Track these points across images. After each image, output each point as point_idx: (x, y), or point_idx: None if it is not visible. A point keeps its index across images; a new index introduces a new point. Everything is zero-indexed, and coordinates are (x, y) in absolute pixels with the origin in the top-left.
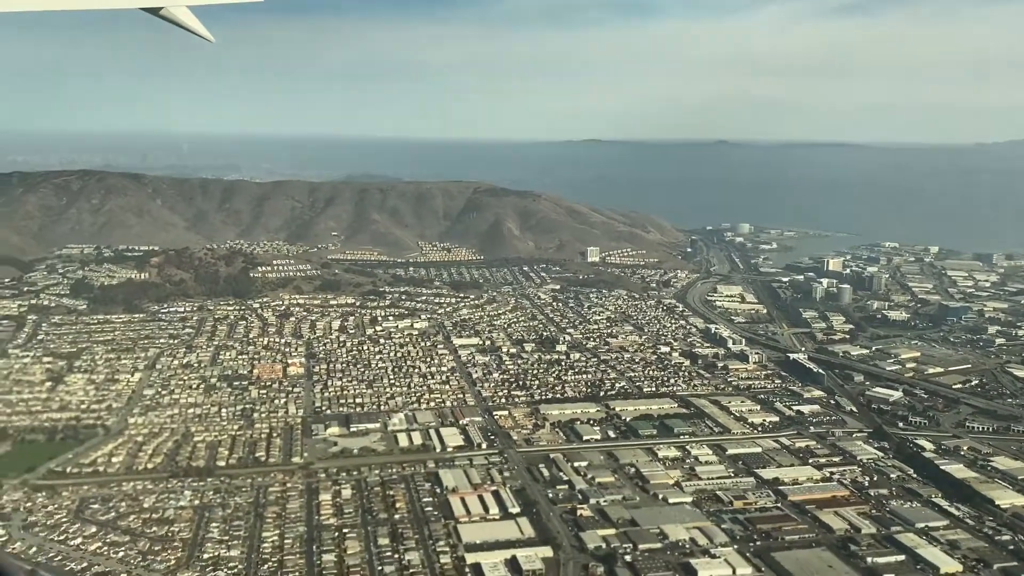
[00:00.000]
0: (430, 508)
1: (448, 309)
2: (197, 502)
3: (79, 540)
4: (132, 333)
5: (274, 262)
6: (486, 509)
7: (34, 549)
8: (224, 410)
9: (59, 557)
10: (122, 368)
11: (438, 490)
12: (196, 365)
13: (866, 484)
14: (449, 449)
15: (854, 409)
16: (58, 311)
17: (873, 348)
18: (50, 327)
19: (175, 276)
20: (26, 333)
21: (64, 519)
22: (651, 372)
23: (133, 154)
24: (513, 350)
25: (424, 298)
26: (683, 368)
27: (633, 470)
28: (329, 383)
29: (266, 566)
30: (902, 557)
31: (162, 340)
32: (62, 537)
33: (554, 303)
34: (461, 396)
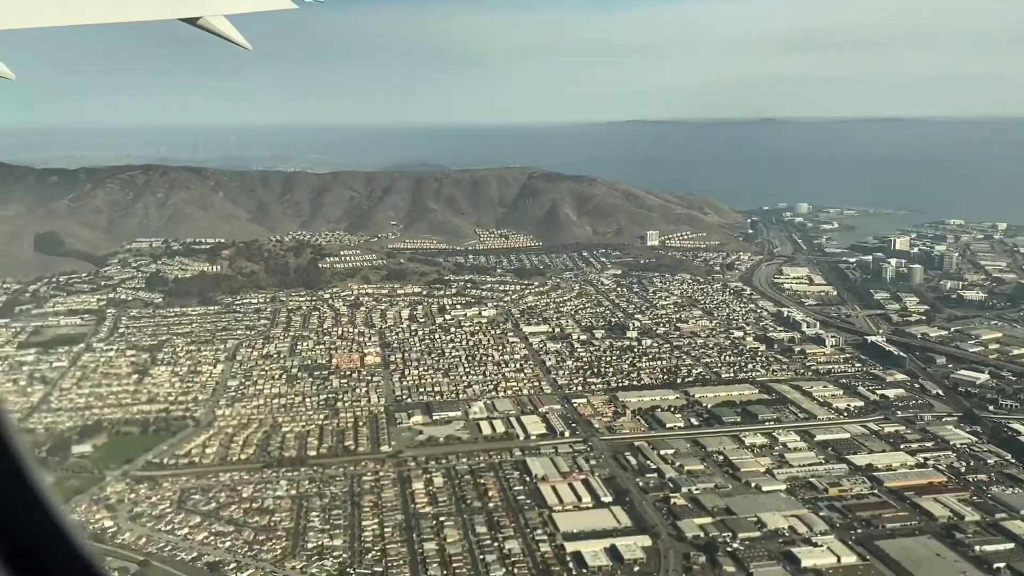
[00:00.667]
0: (522, 496)
1: (514, 297)
2: (294, 491)
3: (185, 530)
4: (209, 325)
5: (341, 253)
6: (578, 498)
7: (143, 540)
8: (308, 400)
9: (168, 547)
10: (204, 360)
11: (527, 478)
12: (276, 356)
13: (963, 470)
14: (532, 437)
15: (940, 393)
16: (135, 304)
17: (952, 329)
18: (129, 320)
19: (246, 268)
20: (107, 327)
21: (168, 510)
22: (727, 358)
23: (183, 147)
24: (583, 337)
25: (489, 286)
26: (759, 353)
27: (721, 458)
28: (406, 372)
29: (370, 555)
30: (1011, 545)
31: (239, 331)
32: (168, 527)
33: (618, 288)
34: (537, 384)
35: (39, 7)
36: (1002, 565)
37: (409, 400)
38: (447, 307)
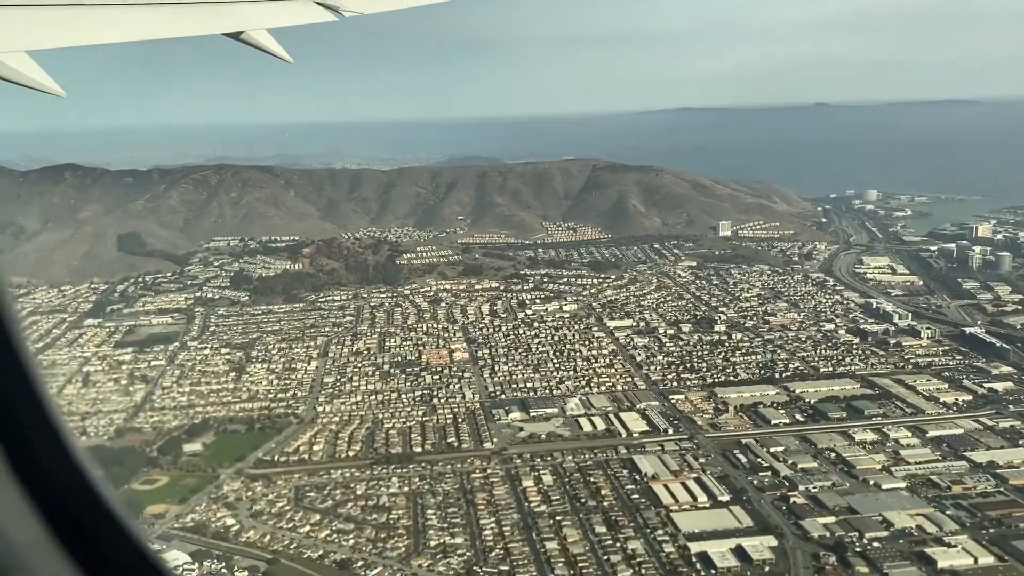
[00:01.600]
0: (636, 495)
1: (592, 291)
2: (407, 489)
3: (307, 528)
4: (297, 322)
5: (417, 249)
6: (694, 497)
7: (267, 538)
8: (403, 396)
9: (293, 545)
10: (297, 357)
11: (637, 476)
12: (366, 352)
13: None
14: (635, 435)
15: None
16: (222, 303)
17: None
18: (218, 319)
19: (327, 265)
20: (198, 325)
21: (287, 507)
22: (822, 351)
23: (238, 145)
24: (670, 331)
25: (566, 280)
26: (854, 346)
27: (833, 455)
28: (496, 368)
29: (493, 553)
30: None
31: (327, 329)
32: (290, 525)
33: (697, 281)
34: (630, 380)
35: (89, 25)
36: None
37: (503, 396)
38: (527, 302)
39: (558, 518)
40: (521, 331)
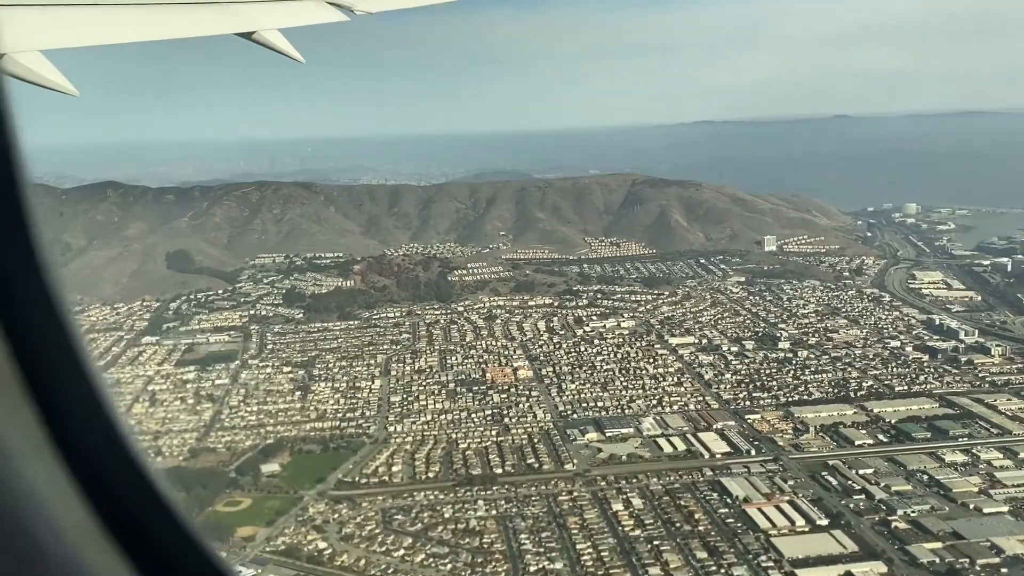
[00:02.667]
0: (731, 519)
1: (648, 307)
2: (494, 512)
3: (401, 552)
4: (354, 340)
5: (468, 265)
6: (791, 521)
7: (363, 561)
8: (473, 416)
9: (391, 570)
10: (359, 376)
11: (728, 500)
12: (428, 371)
13: None
14: (717, 456)
15: None
16: (276, 320)
17: None
18: (275, 337)
19: (378, 282)
20: (255, 343)
21: (376, 530)
22: (894, 369)
23: (260, 161)
24: (734, 348)
25: (619, 296)
26: (925, 364)
27: (926, 477)
28: (563, 387)
29: None
30: None
31: (385, 346)
32: (383, 549)
33: (750, 297)
34: (700, 398)
35: (96, 25)
36: None
37: (574, 416)
38: (583, 319)
39: (655, 543)
40: (582, 348)
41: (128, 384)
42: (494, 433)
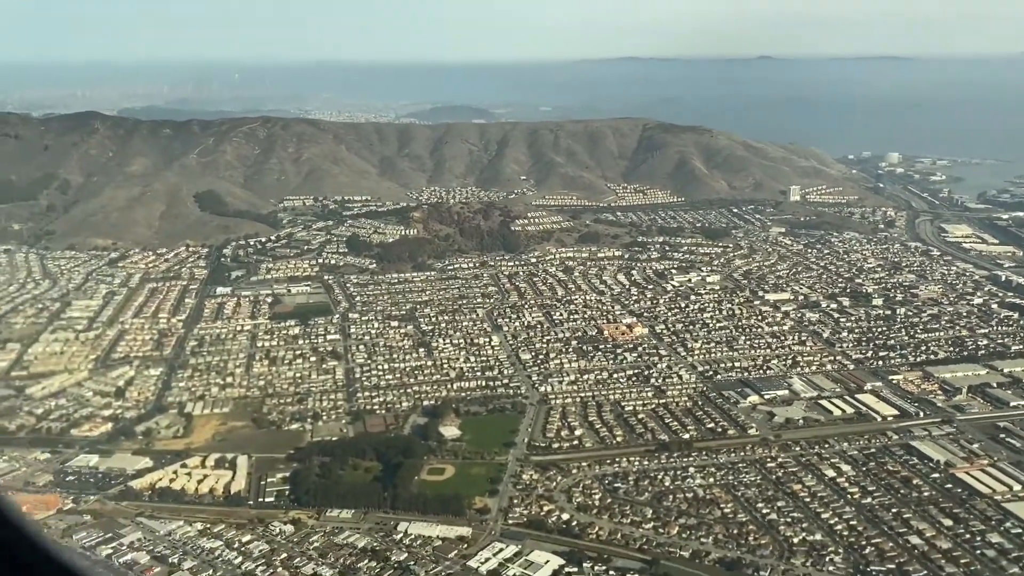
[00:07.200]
0: (949, 485)
1: (722, 261)
2: (711, 480)
3: (651, 524)
4: (442, 292)
5: (529, 215)
6: (1008, 486)
7: (617, 535)
8: (615, 376)
9: (653, 544)
10: (470, 331)
11: (930, 464)
12: (538, 327)
13: None
14: (889, 419)
15: None
16: (348, 270)
17: None
18: (356, 288)
19: (440, 231)
20: (339, 295)
21: (607, 500)
22: (998, 328)
23: (186, 86)
24: (833, 305)
25: (686, 248)
26: (1020, 321)
27: None
28: (688, 345)
29: (866, 551)
30: None
31: (477, 300)
32: (627, 520)
33: (807, 249)
34: (831, 358)
35: None
36: None
37: (719, 377)
38: (663, 272)
39: (893, 511)
40: (681, 304)
41: (231, 340)
42: (650, 395)
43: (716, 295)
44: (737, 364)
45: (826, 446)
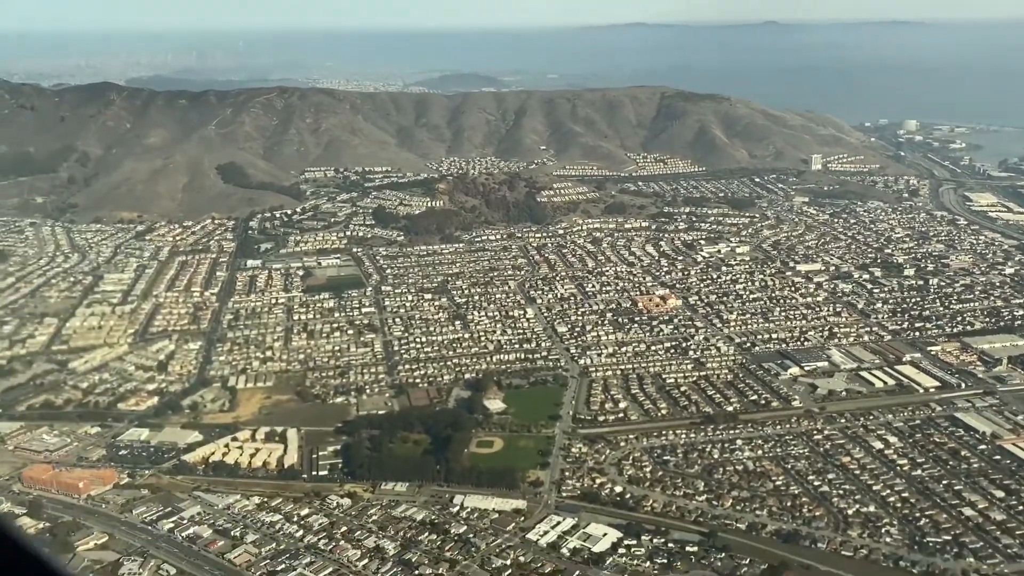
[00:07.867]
0: (997, 456)
1: (750, 231)
2: (759, 452)
3: (704, 497)
4: (472, 264)
5: (554, 186)
6: None
7: (673, 507)
8: (652, 348)
9: (709, 516)
10: (504, 304)
11: (977, 435)
12: (571, 299)
13: None
14: (931, 390)
15: None
16: (376, 242)
17: None
18: (386, 260)
19: (466, 202)
20: (370, 267)
21: (658, 472)
22: None
23: (189, 55)
24: (865, 276)
25: (712, 219)
26: None
27: None
28: (722, 317)
29: (921, 523)
30: None
31: (508, 272)
32: (681, 492)
33: (833, 219)
34: (868, 329)
35: None
36: None
37: (756, 349)
38: (692, 243)
39: (945, 482)
40: (713, 275)
41: (267, 314)
42: (690, 367)
43: (747, 266)
44: (774, 336)
45: (871, 418)
